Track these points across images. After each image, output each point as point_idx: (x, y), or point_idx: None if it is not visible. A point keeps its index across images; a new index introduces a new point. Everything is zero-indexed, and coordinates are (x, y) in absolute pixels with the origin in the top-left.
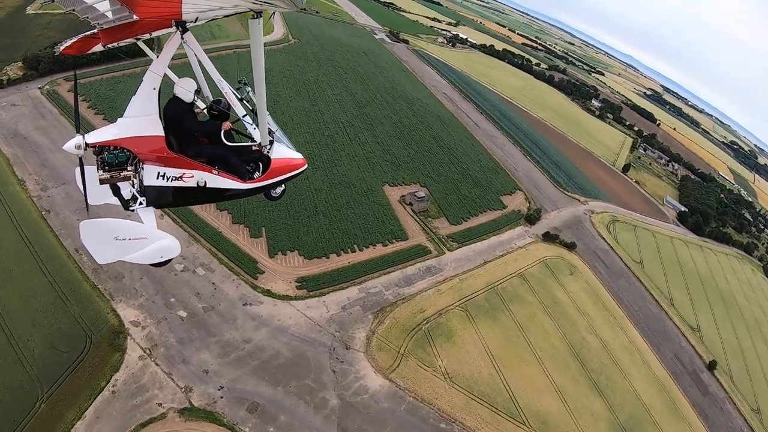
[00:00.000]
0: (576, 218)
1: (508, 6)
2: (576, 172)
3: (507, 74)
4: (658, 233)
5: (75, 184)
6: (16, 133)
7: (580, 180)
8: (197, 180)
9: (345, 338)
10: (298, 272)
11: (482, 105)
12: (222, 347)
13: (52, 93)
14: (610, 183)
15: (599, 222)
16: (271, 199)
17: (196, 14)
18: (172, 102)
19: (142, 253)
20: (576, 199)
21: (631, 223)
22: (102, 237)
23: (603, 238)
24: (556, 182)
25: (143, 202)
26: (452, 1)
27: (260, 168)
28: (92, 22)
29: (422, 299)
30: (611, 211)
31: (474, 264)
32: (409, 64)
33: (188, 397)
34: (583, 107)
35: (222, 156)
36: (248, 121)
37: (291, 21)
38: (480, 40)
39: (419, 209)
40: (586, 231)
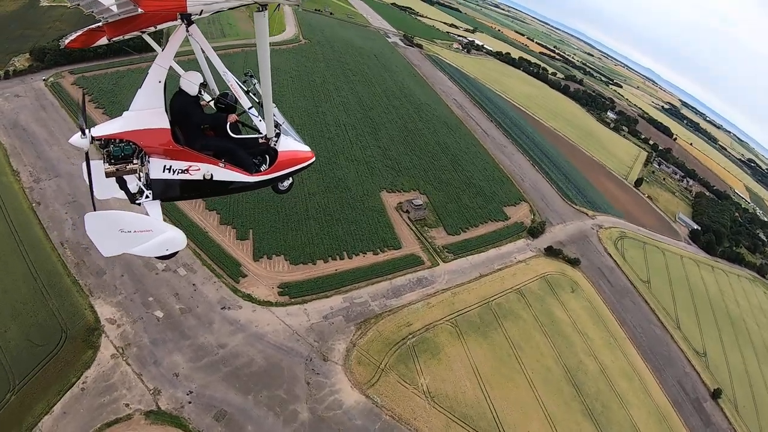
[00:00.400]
0: (582, 233)
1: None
2: (586, 184)
3: (521, 82)
4: (668, 251)
5: (67, 178)
6: (16, 123)
7: (590, 193)
8: (204, 173)
9: (323, 349)
10: (281, 277)
11: (493, 112)
12: (195, 351)
13: (55, 85)
14: (620, 197)
15: (606, 238)
16: (278, 192)
17: (201, 7)
18: (177, 95)
19: (147, 246)
20: (584, 212)
21: (641, 240)
22: (107, 229)
23: (609, 255)
24: (564, 194)
25: (149, 195)
26: (471, 8)
27: (267, 161)
28: (97, 16)
29: (410, 312)
30: (620, 227)
31: (469, 277)
32: (421, 69)
33: (156, 400)
34: (597, 119)
35: (228, 149)
36: (254, 113)
37: (303, 21)
38: (496, 47)
39: (416, 217)
40: (592, 247)
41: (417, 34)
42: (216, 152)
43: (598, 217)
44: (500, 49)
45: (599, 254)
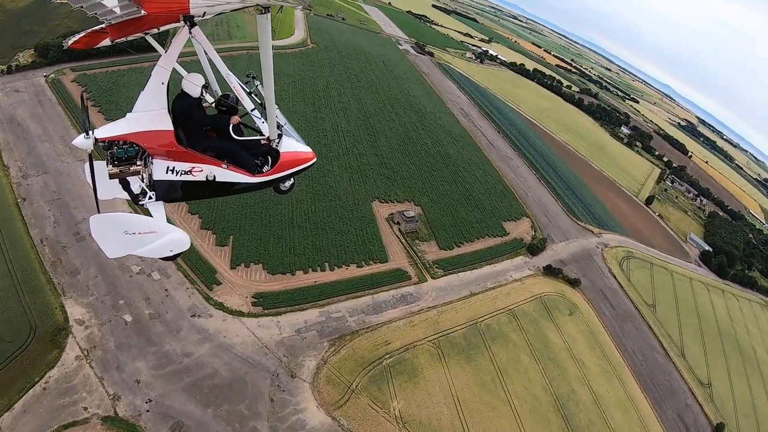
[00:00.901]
0: (586, 251)
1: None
2: (594, 200)
3: (534, 94)
4: (676, 273)
5: (55, 175)
6: (12, 119)
7: (597, 210)
8: (206, 174)
9: (292, 365)
10: (257, 287)
11: (501, 124)
12: (159, 358)
13: (55, 82)
14: (630, 215)
15: (612, 257)
16: (280, 192)
17: (204, 9)
18: (180, 97)
19: (151, 247)
20: (589, 230)
21: (648, 261)
22: (112, 231)
23: (613, 276)
24: (569, 210)
25: (153, 197)
26: (489, 19)
27: (269, 162)
28: (100, 17)
29: (389, 330)
30: (627, 246)
31: (458, 295)
32: (430, 77)
33: (114, 406)
34: (611, 133)
35: (231, 150)
36: (257, 114)
37: (313, 26)
38: (511, 58)
39: (407, 230)
40: (595, 266)
41: (430, 42)
42: (218, 153)
43: (604, 236)
44: (515, 60)
45: (602, 275)
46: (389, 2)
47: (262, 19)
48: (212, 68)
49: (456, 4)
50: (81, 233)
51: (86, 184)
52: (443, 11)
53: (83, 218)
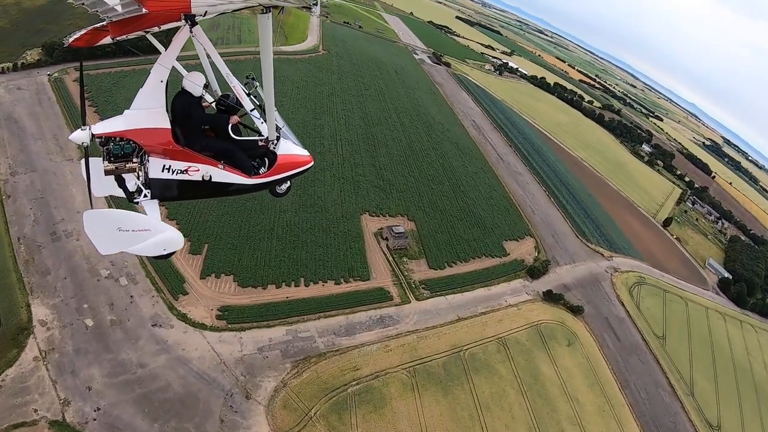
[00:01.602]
0: (593, 276)
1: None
2: (607, 221)
3: (553, 108)
4: (691, 302)
5: (41, 173)
6: (10, 116)
7: (610, 231)
8: (203, 174)
9: (249, 385)
10: (224, 299)
11: (513, 137)
12: (114, 366)
13: (57, 81)
14: (645, 237)
15: (621, 283)
16: (276, 195)
17: (205, 8)
18: (180, 95)
19: (145, 245)
20: (599, 253)
21: (661, 287)
22: (105, 228)
23: (621, 303)
24: (578, 231)
25: (148, 195)
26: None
27: (266, 164)
28: (101, 15)
29: (361, 354)
30: (639, 271)
31: (443, 320)
32: (443, 87)
33: (63, 411)
34: (631, 151)
35: (228, 150)
36: (256, 115)
37: (328, 32)
38: (532, 71)
39: (395, 246)
40: (602, 293)
41: (448, 52)
42: (216, 153)
43: (615, 259)
44: (535, 74)
45: (609, 302)
46: (411, 12)
47: (263, 19)
48: (213, 68)
49: (481, 16)
50: (57, 233)
51: (70, 184)
52: (467, 23)
53: (62, 218)
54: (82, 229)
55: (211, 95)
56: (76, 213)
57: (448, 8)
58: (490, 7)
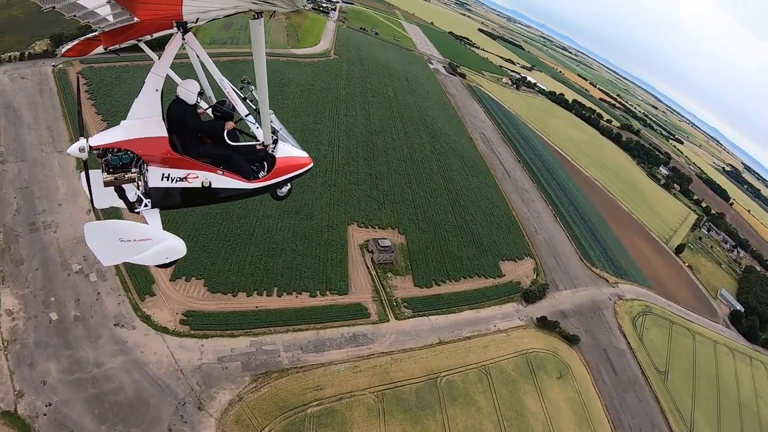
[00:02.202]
0: (594, 303)
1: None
2: (615, 245)
3: (568, 125)
4: (699, 335)
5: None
6: (10, 104)
7: (618, 256)
8: (202, 180)
9: (203, 395)
10: (191, 304)
11: (524, 152)
12: (71, 363)
13: (61, 72)
14: (655, 264)
15: (625, 312)
16: (276, 198)
17: (197, 15)
18: (175, 103)
19: (147, 255)
20: (603, 278)
21: (668, 318)
22: (107, 239)
23: (623, 334)
24: (583, 254)
25: (148, 204)
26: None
27: (265, 167)
28: (93, 25)
29: (327, 373)
30: (645, 300)
31: (423, 342)
32: (455, 98)
33: (16, 402)
34: (647, 173)
35: (226, 156)
36: (251, 120)
37: (342, 38)
38: (551, 87)
39: (380, 260)
40: (603, 322)
41: (465, 63)
42: (214, 160)
43: (620, 286)
44: (554, 89)
45: (609, 332)
46: (431, 22)
47: (254, 24)
48: (206, 74)
49: (504, 30)
50: (36, 224)
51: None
52: (489, 36)
53: (43, 210)
54: (60, 221)
55: (206, 102)
56: (58, 205)
57: (471, 20)
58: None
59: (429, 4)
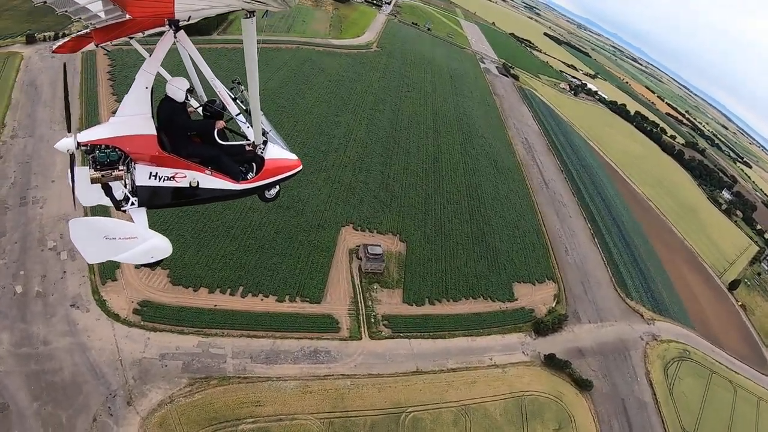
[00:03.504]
0: (621, 342)
1: (667, 75)
2: (660, 275)
3: (626, 137)
4: (742, 388)
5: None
6: (33, 82)
7: (660, 287)
8: (190, 180)
9: (135, 391)
10: (149, 294)
11: (569, 162)
12: (23, 337)
13: (89, 53)
14: (702, 299)
15: (657, 355)
16: (265, 200)
17: (188, 13)
18: (165, 101)
19: (132, 253)
20: (638, 313)
21: (707, 367)
22: (91, 236)
23: (650, 383)
24: (619, 282)
25: (135, 203)
26: (605, 57)
27: (254, 169)
28: (85, 22)
29: (271, 389)
30: (684, 342)
31: (396, 369)
32: (502, 100)
33: None
34: (708, 195)
35: (215, 156)
36: (242, 120)
37: (388, 31)
38: (613, 97)
39: (368, 269)
40: (627, 366)
41: (521, 65)
42: (203, 159)
43: (656, 323)
44: (616, 99)
45: (633, 379)
46: (493, 22)
47: (246, 23)
48: (198, 73)
49: (572, 36)
50: (27, 198)
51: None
52: (555, 40)
53: (36, 185)
54: (48, 197)
55: (196, 100)
56: (51, 182)
57: (538, 24)
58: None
59: (495, 5)
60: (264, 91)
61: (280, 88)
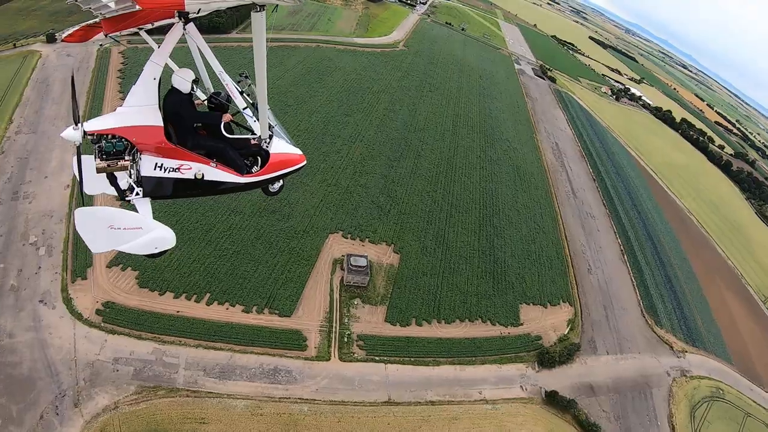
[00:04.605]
0: (643, 378)
1: (718, 83)
2: (696, 299)
3: (669, 145)
4: None
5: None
6: (46, 79)
7: (696, 313)
8: (195, 172)
9: (84, 393)
10: (115, 295)
11: (604, 170)
12: None
13: (105, 52)
14: (744, 328)
15: (684, 394)
16: (268, 194)
17: (199, 5)
18: (171, 93)
19: (136, 243)
20: (667, 343)
21: (743, 409)
22: (96, 225)
23: (671, 427)
24: (648, 306)
25: (140, 193)
26: (653, 62)
27: (258, 162)
28: (95, 11)
29: (218, 407)
30: (718, 379)
31: (364, 397)
32: (535, 102)
33: None
34: (756, 210)
35: (220, 149)
36: (248, 113)
37: (419, 31)
38: (658, 103)
39: (350, 282)
40: (647, 407)
41: (560, 68)
42: (208, 152)
43: (688, 356)
44: (661, 105)
45: (652, 423)
46: (535, 24)
47: (256, 17)
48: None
49: (619, 41)
50: (19, 193)
51: (55, 149)
52: (600, 44)
53: (29, 180)
54: (39, 192)
55: (203, 92)
56: (44, 178)
57: (583, 27)
58: (635, 35)
59: (539, 9)
60: (273, 89)
61: (291, 86)
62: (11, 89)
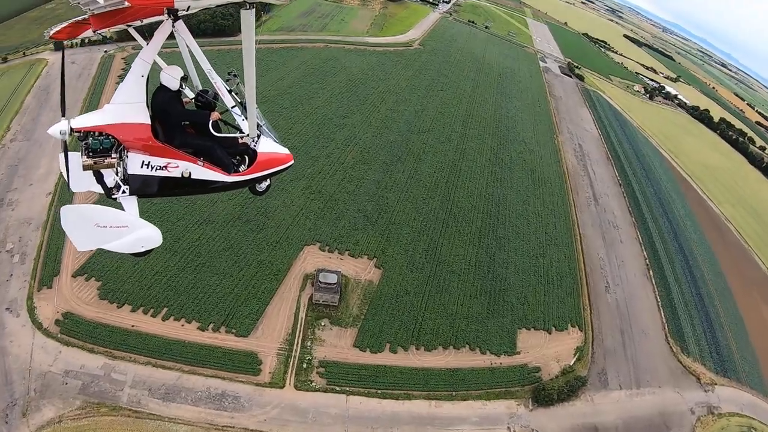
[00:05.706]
0: (661, 417)
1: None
2: (732, 320)
3: (706, 146)
4: None
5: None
6: (48, 87)
7: (728, 336)
8: (182, 170)
9: (33, 404)
10: (75, 306)
11: (631, 174)
12: None
13: (107, 59)
14: None
15: None
16: (256, 193)
17: (188, 2)
18: (159, 90)
19: (122, 242)
20: (693, 374)
21: None
22: (82, 223)
23: None
24: (674, 331)
25: (126, 191)
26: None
27: (246, 161)
28: (83, 7)
29: (159, 429)
30: (751, 416)
31: (320, 429)
32: (559, 102)
33: None
34: None
35: (207, 147)
36: (237, 112)
37: (438, 29)
38: (695, 102)
39: (318, 300)
40: None
41: (589, 65)
42: (195, 150)
43: (717, 390)
44: (698, 104)
45: None
46: (565, 22)
47: (246, 15)
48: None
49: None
50: (4, 200)
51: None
52: (635, 42)
53: (15, 187)
54: (22, 200)
55: (191, 90)
56: (29, 185)
57: (618, 26)
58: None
59: (572, 7)
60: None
61: (290, 87)
62: (14, 97)
